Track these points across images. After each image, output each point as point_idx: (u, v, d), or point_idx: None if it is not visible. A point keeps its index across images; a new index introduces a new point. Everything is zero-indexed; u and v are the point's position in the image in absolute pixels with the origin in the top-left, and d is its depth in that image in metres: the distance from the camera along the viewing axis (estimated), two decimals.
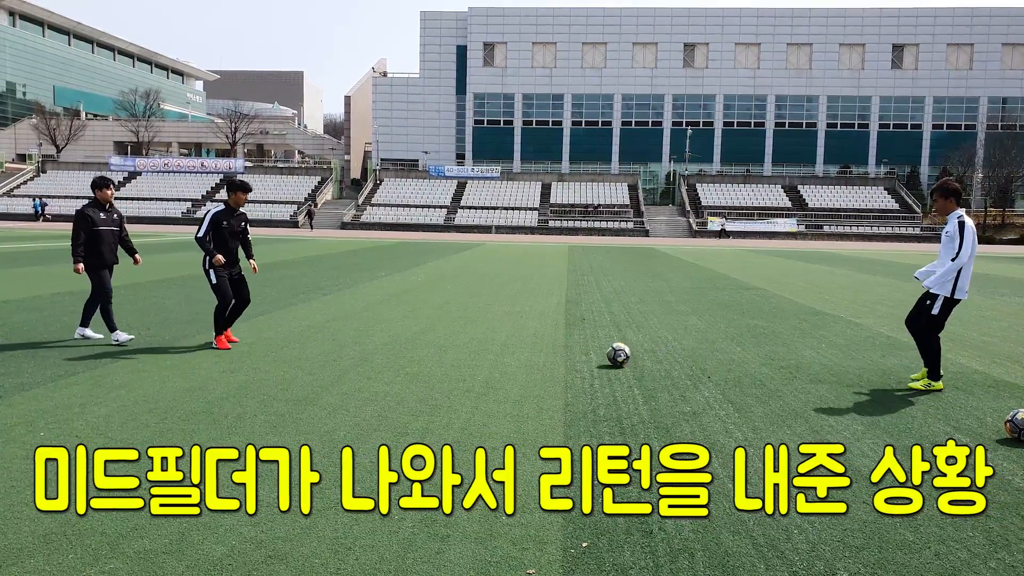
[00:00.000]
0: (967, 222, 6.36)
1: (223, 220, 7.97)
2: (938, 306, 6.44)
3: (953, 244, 6.36)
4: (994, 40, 73.97)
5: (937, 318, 6.47)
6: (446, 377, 6.78)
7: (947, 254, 6.41)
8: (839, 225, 61.31)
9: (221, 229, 7.94)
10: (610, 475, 4.20)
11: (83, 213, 8.06)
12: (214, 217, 7.93)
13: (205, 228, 7.87)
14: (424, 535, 3.45)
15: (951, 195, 6.54)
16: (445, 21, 79.33)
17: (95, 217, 8.11)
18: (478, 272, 19.24)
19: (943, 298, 6.43)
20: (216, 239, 7.93)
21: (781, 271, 22.00)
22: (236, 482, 4.04)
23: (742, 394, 6.33)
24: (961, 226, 6.34)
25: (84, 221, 8.04)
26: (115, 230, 8.35)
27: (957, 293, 6.41)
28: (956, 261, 6.31)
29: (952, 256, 6.33)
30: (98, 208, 8.20)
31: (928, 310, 6.52)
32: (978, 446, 3.98)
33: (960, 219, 6.39)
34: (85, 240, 8.02)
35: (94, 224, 8.09)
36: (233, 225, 8.07)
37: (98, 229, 8.11)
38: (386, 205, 65.28)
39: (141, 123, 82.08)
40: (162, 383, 6.34)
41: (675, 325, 10.38)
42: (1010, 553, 3.37)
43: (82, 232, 8.01)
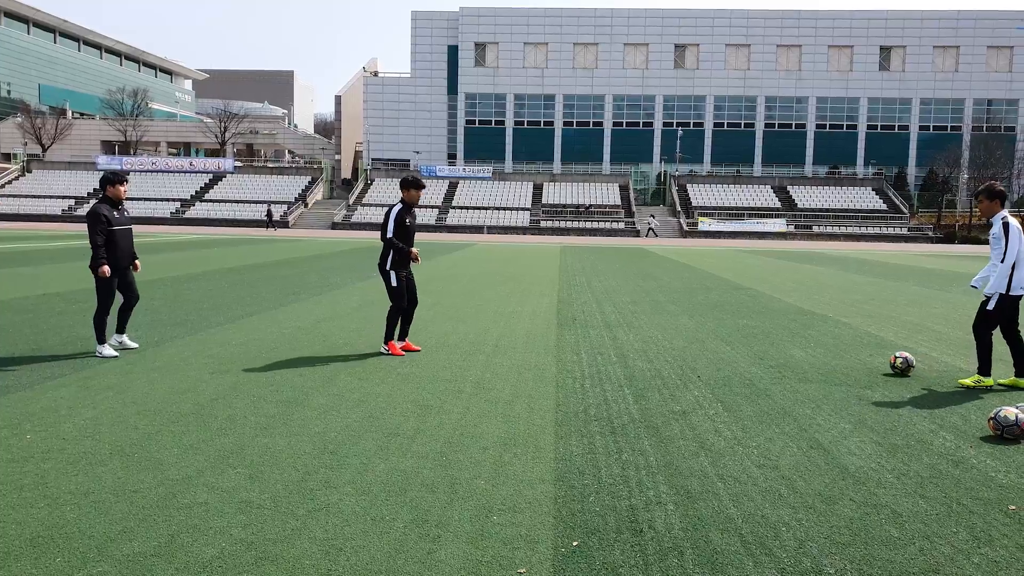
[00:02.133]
0: (1011, 222, 6.57)
1: (406, 218, 7.81)
2: (993, 302, 6.65)
3: (1000, 244, 6.61)
4: (979, 42, 74.61)
5: (992, 313, 6.67)
6: (437, 378, 6.79)
7: (996, 254, 6.66)
8: (828, 225, 61.64)
9: (405, 227, 7.81)
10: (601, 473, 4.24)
11: (97, 213, 7.32)
12: (398, 216, 7.76)
13: (392, 228, 7.72)
14: (415, 535, 3.47)
15: (996, 197, 6.76)
16: (436, 21, 79.27)
17: (110, 216, 7.41)
18: (470, 272, 19.24)
19: (999, 295, 6.63)
20: (401, 238, 7.80)
21: (770, 271, 22.11)
22: (227, 483, 4.06)
23: (731, 393, 6.38)
24: (1006, 227, 6.58)
25: (99, 221, 7.32)
26: (129, 229, 7.72)
27: (1013, 289, 6.59)
28: (1006, 263, 6.56)
29: (1001, 257, 6.59)
30: (111, 206, 7.52)
31: (983, 305, 6.74)
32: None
33: (1004, 220, 6.61)
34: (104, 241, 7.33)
35: (109, 224, 7.39)
36: (412, 223, 7.92)
37: (113, 229, 7.43)
38: (377, 205, 65.10)
39: (129, 122, 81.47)
40: (151, 385, 6.32)
41: (666, 325, 10.43)
42: (993, 549, 3.42)
43: (100, 233, 7.31)
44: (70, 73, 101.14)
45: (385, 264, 7.86)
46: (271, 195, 67.02)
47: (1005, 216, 6.65)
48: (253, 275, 16.91)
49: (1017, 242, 6.54)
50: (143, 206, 63.95)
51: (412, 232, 7.93)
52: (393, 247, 7.75)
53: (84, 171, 70.85)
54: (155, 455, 4.53)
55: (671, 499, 3.94)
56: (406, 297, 7.92)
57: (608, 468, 4.42)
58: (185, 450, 4.63)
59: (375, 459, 4.52)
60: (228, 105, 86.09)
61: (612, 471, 4.36)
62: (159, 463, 4.38)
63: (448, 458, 4.55)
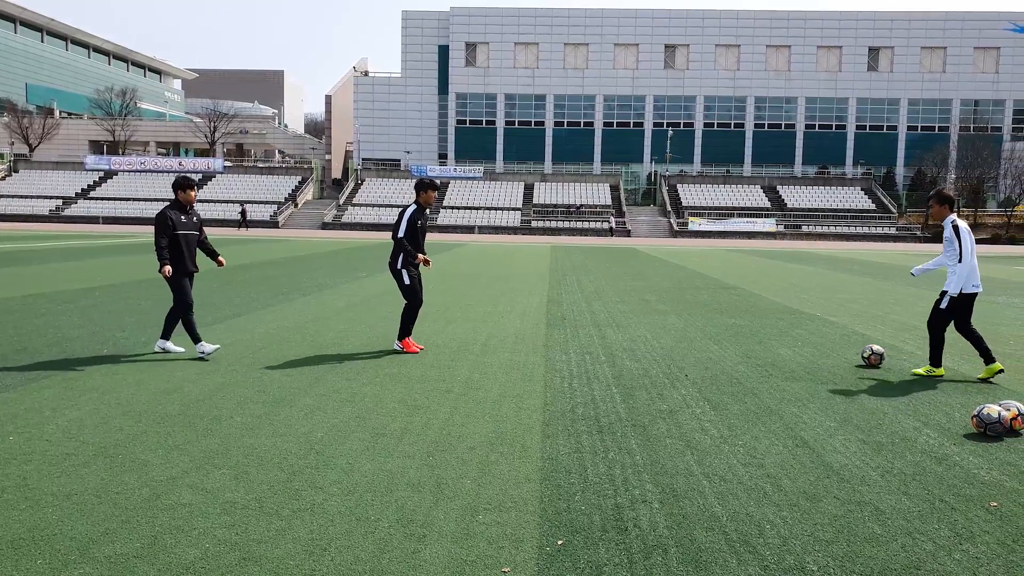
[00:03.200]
0: (960, 224, 7.00)
1: (418, 220, 7.96)
2: (946, 302, 7.01)
3: (953, 246, 6.97)
4: (966, 43, 75.17)
5: (945, 312, 7.05)
6: (425, 377, 6.78)
7: (950, 256, 7.02)
8: (817, 225, 61.95)
9: (416, 229, 7.95)
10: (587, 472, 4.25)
11: (164, 216, 7.41)
12: (411, 217, 7.90)
13: (404, 229, 7.86)
14: (400, 535, 3.46)
15: (945, 202, 7.14)
16: (427, 21, 79.19)
17: (176, 220, 7.47)
18: (460, 272, 19.23)
19: (950, 296, 6.98)
20: (411, 239, 7.93)
21: (759, 270, 22.20)
22: (212, 484, 4.04)
23: (719, 392, 6.40)
24: (956, 229, 6.96)
25: (165, 225, 7.39)
26: (196, 234, 7.73)
27: (966, 288, 6.95)
28: (963, 263, 6.90)
29: (956, 259, 6.93)
30: (179, 210, 7.57)
31: (937, 304, 7.11)
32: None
33: (954, 223, 7.03)
34: (169, 243, 7.42)
35: (175, 227, 7.45)
36: (424, 224, 8.07)
37: (179, 233, 7.49)
38: (367, 205, 65.01)
39: (117, 122, 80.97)
40: (137, 386, 6.28)
41: (654, 324, 10.45)
42: (974, 545, 3.44)
43: (165, 236, 7.38)
44: (57, 72, 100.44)
45: (396, 263, 7.98)
46: (260, 195, 66.77)
47: (954, 219, 7.04)
48: (241, 275, 16.84)
49: (969, 242, 6.93)
50: (131, 206, 63.59)
51: (424, 231, 8.10)
52: (404, 249, 7.88)
53: (72, 171, 70.39)
54: (139, 456, 4.50)
55: (656, 497, 3.95)
56: (420, 296, 8.06)
57: (594, 467, 4.42)
58: (170, 451, 4.61)
59: (361, 459, 4.51)
60: (218, 105, 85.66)
61: (598, 470, 4.37)
62: (143, 464, 4.36)
63: (435, 458, 4.55)
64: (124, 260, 21.01)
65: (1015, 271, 24.57)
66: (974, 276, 6.98)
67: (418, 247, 8.02)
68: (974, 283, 6.99)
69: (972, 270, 6.96)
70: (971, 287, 6.97)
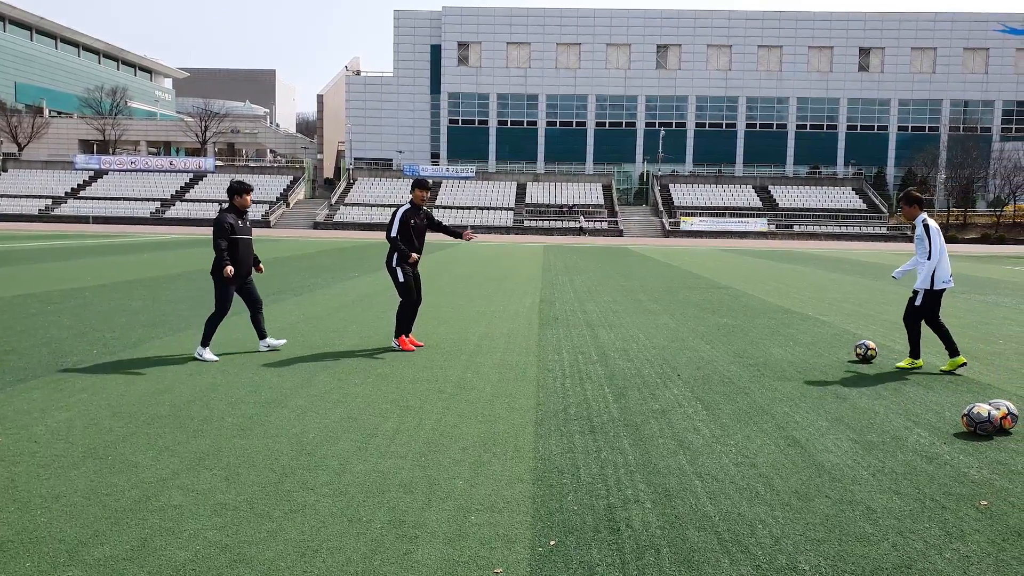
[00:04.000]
0: (931, 223, 7.31)
1: (411, 219, 8.09)
2: (920, 298, 7.35)
3: (924, 245, 7.30)
4: (956, 44, 75.63)
5: (920, 308, 7.37)
6: (418, 378, 6.77)
7: (921, 253, 7.35)
8: (809, 225, 62.21)
9: (409, 228, 8.08)
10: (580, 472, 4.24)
11: (222, 221, 7.43)
12: (404, 216, 8.06)
13: (397, 228, 8.01)
14: (392, 536, 3.45)
15: (915, 202, 7.45)
16: (419, 20, 79.09)
17: (234, 225, 7.50)
18: (452, 272, 19.21)
19: (924, 291, 7.30)
20: (404, 238, 8.05)
21: (751, 270, 22.27)
22: (202, 485, 4.02)
23: (711, 392, 6.41)
24: (926, 228, 7.29)
25: (222, 229, 7.40)
26: (250, 240, 7.77)
27: (936, 285, 7.26)
28: (931, 260, 7.22)
29: (926, 256, 7.25)
30: (236, 215, 7.61)
31: (911, 301, 7.45)
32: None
33: (924, 222, 7.33)
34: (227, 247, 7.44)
35: (232, 232, 7.47)
36: (419, 223, 8.17)
37: (236, 238, 7.52)
38: (359, 205, 64.91)
39: (107, 121, 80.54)
40: (127, 386, 6.24)
41: (647, 324, 10.46)
42: (964, 544, 3.45)
43: (223, 239, 7.40)
44: (47, 71, 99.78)
45: (391, 261, 8.17)
46: (252, 195, 66.45)
47: (925, 218, 7.36)
48: None
49: (939, 240, 7.25)
50: (122, 206, 63.30)
51: (419, 231, 8.21)
52: (396, 248, 8.04)
53: (61, 170, 70.00)
54: (129, 457, 4.47)
55: (649, 497, 3.95)
56: (414, 294, 8.20)
57: (587, 467, 4.42)
58: (160, 452, 4.58)
59: (353, 460, 4.49)
60: (209, 104, 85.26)
61: (591, 470, 4.37)
62: (133, 465, 4.33)
63: (427, 458, 4.54)
64: (114, 260, 20.90)
65: (1005, 271, 24.72)
66: (944, 272, 7.28)
67: (412, 246, 8.12)
68: (944, 279, 7.29)
69: (942, 267, 7.25)
70: (941, 283, 7.27)
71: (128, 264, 19.47)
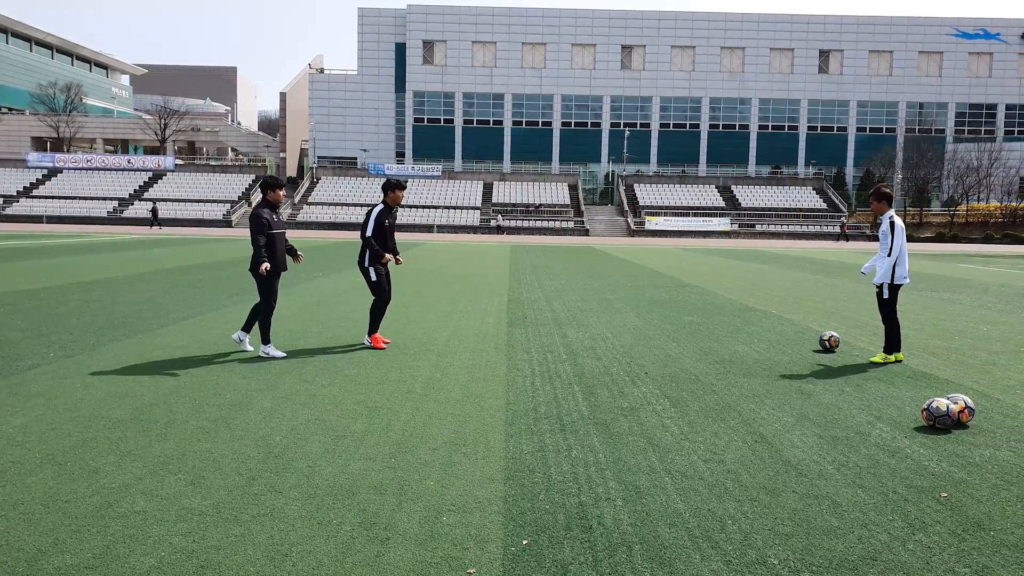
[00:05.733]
0: (896, 221, 7.59)
1: (385, 219, 8.15)
2: (886, 291, 7.68)
3: (887, 240, 7.59)
4: (911, 48, 77.52)
5: (888, 301, 7.70)
6: (386, 379, 6.72)
7: (884, 248, 7.63)
8: (770, 224, 63.22)
9: (383, 228, 8.13)
10: (551, 471, 4.25)
11: (259, 216, 7.49)
12: (378, 217, 8.10)
13: (372, 228, 8.05)
14: (363, 538, 3.41)
15: (883, 199, 7.77)
16: (384, 18, 78.51)
17: (271, 220, 7.58)
18: (419, 272, 19.11)
19: (886, 285, 7.65)
20: (378, 237, 8.11)
21: (715, 269, 22.55)
22: (167, 490, 3.93)
23: (678, 389, 6.47)
24: (892, 225, 7.56)
25: (260, 225, 7.47)
26: (284, 233, 7.87)
27: (896, 280, 7.63)
28: (891, 256, 7.56)
29: (887, 252, 7.58)
30: (271, 209, 7.69)
31: (880, 297, 7.75)
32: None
33: (891, 219, 7.61)
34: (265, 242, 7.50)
35: (269, 227, 7.55)
36: (391, 223, 8.25)
37: (272, 232, 7.59)
38: (323, 204, 64.24)
39: (62, 118, 78.44)
40: (85, 390, 6.09)
41: (614, 323, 10.53)
42: (927, 535, 3.54)
43: (263, 235, 7.47)
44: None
45: (364, 261, 8.22)
46: (213, 194, 65.40)
47: (892, 215, 7.64)
48: (195, 276, 16.48)
49: (901, 238, 7.57)
50: (77, 205, 61.75)
51: (390, 232, 8.31)
52: (371, 247, 8.10)
53: (13, 168, 68.05)
54: (90, 463, 4.36)
55: (620, 495, 3.97)
56: (387, 293, 8.29)
57: (558, 466, 4.43)
58: (122, 457, 4.47)
59: (322, 462, 4.44)
60: (168, 101, 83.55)
61: (562, 468, 4.38)
62: (94, 471, 4.22)
63: (397, 460, 4.50)
64: (71, 261, 20.38)
65: (959, 268, 25.42)
66: (903, 269, 7.64)
67: (386, 246, 8.23)
68: (903, 276, 7.66)
69: (901, 264, 7.60)
70: (900, 279, 7.64)
71: (85, 264, 18.99)
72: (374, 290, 8.23)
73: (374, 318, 8.30)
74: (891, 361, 7.74)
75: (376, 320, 8.31)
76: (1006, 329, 10.59)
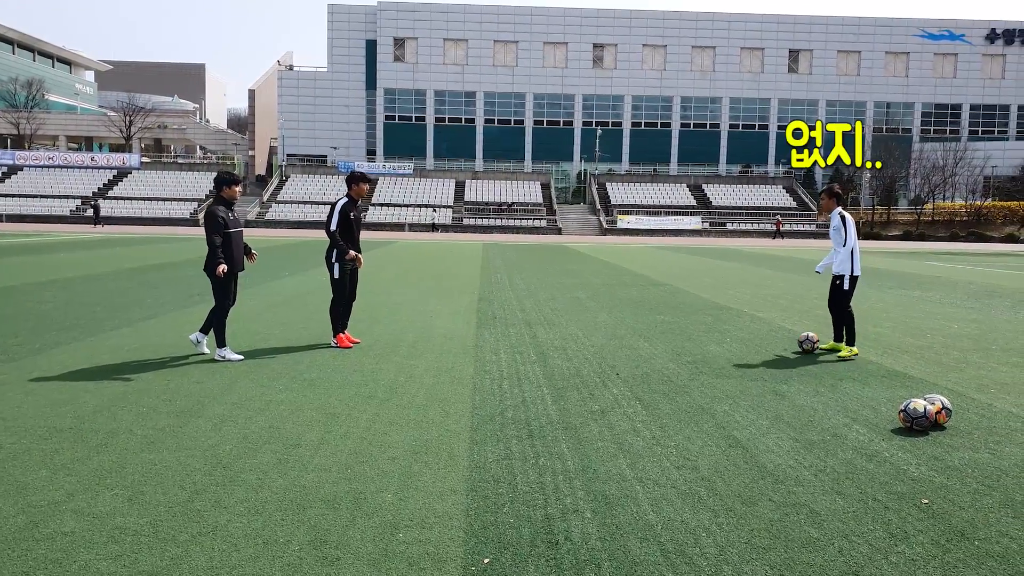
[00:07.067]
0: (847, 216, 8.02)
1: (350, 212, 7.89)
2: (847, 282, 7.96)
3: (840, 234, 7.94)
4: (879, 48, 78.54)
5: (848, 292, 7.98)
6: (347, 382, 6.43)
7: (838, 242, 7.98)
8: (741, 223, 63.65)
9: (349, 221, 7.88)
10: (517, 480, 4.01)
11: (214, 214, 7.15)
12: (343, 210, 7.84)
13: (336, 221, 7.80)
14: (312, 558, 3.16)
15: (834, 196, 8.24)
16: (354, 15, 77.63)
17: (226, 218, 7.25)
18: (390, 269, 18.77)
19: (848, 276, 7.95)
20: (344, 232, 7.84)
21: (687, 267, 22.50)
22: (100, 507, 3.62)
23: (650, 391, 6.27)
24: (843, 219, 7.97)
25: (216, 224, 7.12)
26: (241, 232, 7.54)
27: (855, 270, 7.96)
28: (847, 246, 7.89)
29: (843, 243, 7.90)
30: (226, 207, 7.36)
31: (839, 288, 8.00)
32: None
33: (840, 214, 8.02)
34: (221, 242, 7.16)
35: (225, 226, 7.21)
36: (357, 217, 8.00)
37: (229, 232, 7.25)
38: (293, 202, 63.35)
39: (22, 115, 76.43)
40: (25, 396, 5.73)
41: (585, 322, 10.33)
42: (909, 546, 3.36)
43: (218, 235, 7.12)
44: None
45: (330, 256, 7.94)
46: (180, 192, 64.19)
47: (841, 211, 8.04)
48: (155, 276, 15.98)
49: (853, 231, 7.90)
50: (38, 203, 60.20)
51: (358, 226, 8.03)
52: (336, 244, 7.82)
53: None
54: (19, 478, 4.04)
55: (588, 506, 3.75)
56: (347, 291, 8.03)
57: (524, 475, 4.20)
58: (55, 471, 4.15)
59: (272, 474, 4.16)
60: (133, 98, 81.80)
61: (528, 478, 4.15)
62: (22, 487, 3.91)
63: (353, 470, 4.24)
64: (26, 260, 19.71)
65: (927, 266, 25.68)
66: (858, 261, 8.00)
67: (353, 241, 7.96)
68: (859, 266, 8.03)
69: (856, 255, 7.95)
70: (858, 270, 7.98)
71: (44, 264, 18.36)
72: (334, 288, 8.00)
73: (334, 318, 8.06)
74: (855, 355, 7.90)
75: (336, 320, 8.07)
76: (976, 327, 10.58)
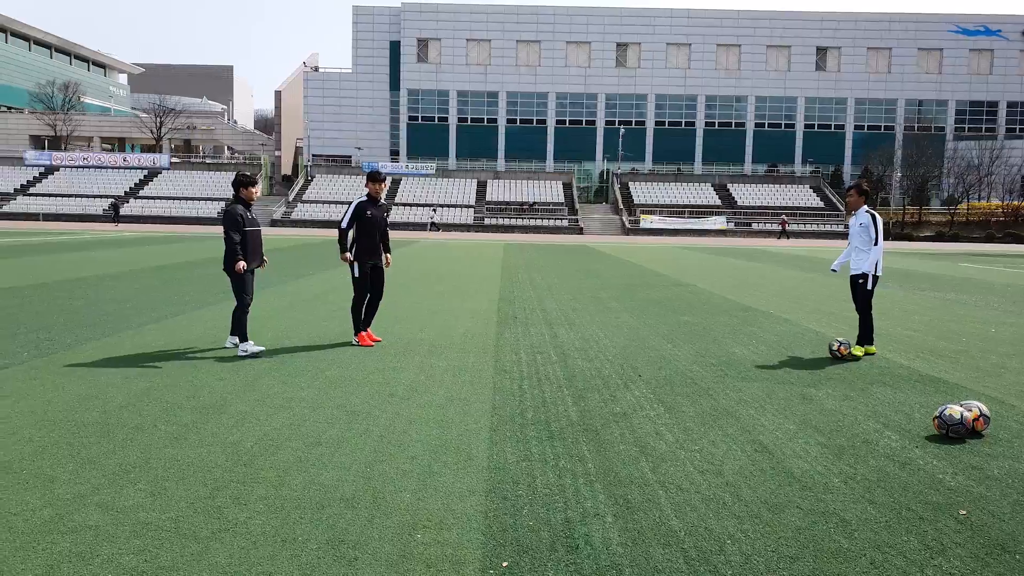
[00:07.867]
0: (876, 215, 7.95)
1: (367, 210, 7.92)
2: (870, 282, 7.89)
3: (868, 232, 7.85)
4: (910, 45, 77.19)
5: (871, 292, 7.93)
6: (368, 381, 6.42)
7: (862, 240, 7.91)
8: (767, 223, 62.91)
9: (365, 219, 7.90)
10: (536, 482, 3.95)
11: (232, 213, 7.38)
12: (357, 207, 7.90)
13: (348, 219, 7.87)
14: (329, 558, 3.13)
15: (863, 194, 8.07)
16: (378, 16, 78.05)
17: (245, 216, 7.47)
18: (412, 269, 18.81)
19: (872, 276, 7.87)
20: (360, 230, 7.88)
21: (711, 268, 22.27)
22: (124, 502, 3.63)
23: (673, 393, 6.18)
24: (874, 218, 7.89)
25: (234, 222, 7.36)
26: (260, 230, 7.77)
27: (879, 271, 7.91)
28: (878, 246, 7.81)
29: (872, 242, 7.82)
30: (245, 207, 7.56)
31: (863, 287, 7.92)
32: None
33: (870, 212, 7.96)
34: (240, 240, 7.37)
35: (243, 224, 7.44)
36: (376, 215, 8.01)
37: (247, 230, 7.48)
38: (318, 202, 63.82)
39: (59, 116, 77.93)
40: (55, 391, 5.79)
41: (607, 323, 10.23)
42: (946, 559, 3.24)
43: (237, 232, 7.34)
44: None
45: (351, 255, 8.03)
46: (208, 192, 64.99)
47: (870, 209, 7.98)
48: (183, 273, 16.16)
49: (881, 228, 7.85)
50: (74, 203, 61.29)
51: (377, 223, 8.01)
52: (340, 239, 7.93)
53: (10, 167, 67.58)
54: (46, 471, 4.07)
55: (610, 510, 3.68)
56: (367, 291, 8.08)
57: (544, 476, 4.14)
58: (82, 464, 4.19)
59: (293, 471, 4.15)
60: (164, 100, 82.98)
61: (548, 479, 4.09)
62: (49, 480, 3.94)
63: (372, 469, 4.21)
64: (60, 258, 20.04)
65: (962, 268, 25.16)
66: (880, 262, 7.92)
67: (370, 240, 7.97)
68: (882, 266, 8.09)
69: (881, 255, 7.88)
70: (880, 270, 7.93)
71: (75, 261, 18.65)
72: (355, 286, 8.07)
73: (354, 317, 8.12)
74: (871, 352, 7.97)
75: (358, 319, 8.11)
76: (1015, 331, 10.30)
